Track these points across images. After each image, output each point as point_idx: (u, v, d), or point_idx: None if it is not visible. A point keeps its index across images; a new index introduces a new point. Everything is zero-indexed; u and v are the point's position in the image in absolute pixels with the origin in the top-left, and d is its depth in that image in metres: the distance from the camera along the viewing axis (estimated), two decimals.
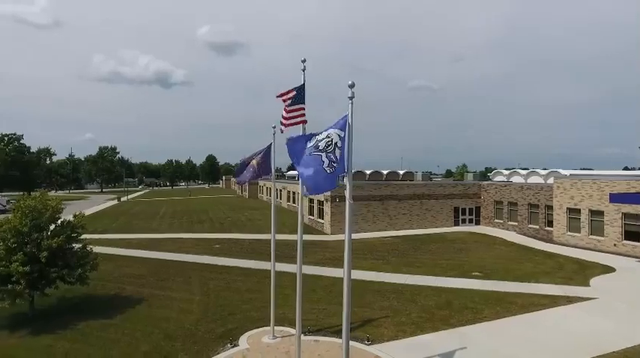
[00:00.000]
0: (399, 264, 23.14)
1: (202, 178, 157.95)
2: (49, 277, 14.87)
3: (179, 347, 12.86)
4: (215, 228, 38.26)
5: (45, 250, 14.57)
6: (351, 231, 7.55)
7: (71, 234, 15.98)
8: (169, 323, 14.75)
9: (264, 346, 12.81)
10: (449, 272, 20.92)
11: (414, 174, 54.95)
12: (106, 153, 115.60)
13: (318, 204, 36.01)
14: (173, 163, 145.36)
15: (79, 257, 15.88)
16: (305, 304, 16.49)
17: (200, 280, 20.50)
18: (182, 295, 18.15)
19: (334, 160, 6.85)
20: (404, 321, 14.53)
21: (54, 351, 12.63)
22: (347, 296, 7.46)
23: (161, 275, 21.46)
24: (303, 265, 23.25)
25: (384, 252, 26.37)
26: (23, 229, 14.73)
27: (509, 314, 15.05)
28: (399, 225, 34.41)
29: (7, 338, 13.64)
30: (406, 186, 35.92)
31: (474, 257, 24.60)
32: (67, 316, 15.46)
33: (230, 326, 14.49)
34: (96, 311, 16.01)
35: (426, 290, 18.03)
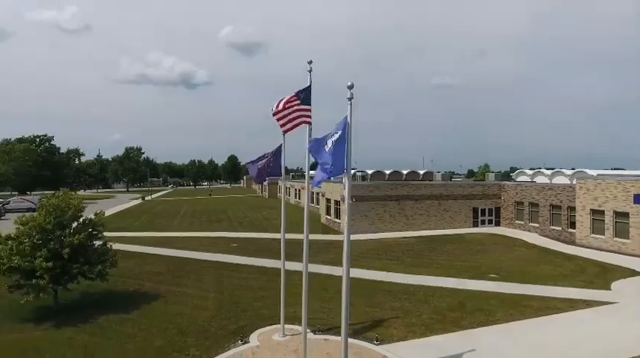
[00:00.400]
0: (413, 264, 22.99)
1: (224, 178, 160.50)
2: (70, 273, 15.52)
3: (191, 342, 13.20)
4: (233, 226, 38.88)
5: (67, 247, 15.20)
6: (350, 230, 7.65)
7: (92, 232, 16.61)
8: (183, 319, 15.15)
9: (274, 343, 13.01)
10: (464, 274, 20.65)
11: (434, 175, 54.39)
12: (131, 153, 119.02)
13: (334, 204, 36.11)
14: (196, 163, 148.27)
15: (99, 254, 16.49)
16: (315, 303, 16.73)
17: (215, 278, 20.93)
18: (197, 292, 18.58)
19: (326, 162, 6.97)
20: (414, 322, 14.46)
21: (74, 344, 13.18)
22: (345, 294, 7.56)
23: (178, 272, 22.02)
24: (317, 264, 23.55)
25: (399, 252, 26.23)
26: (47, 226, 15.40)
27: (523, 317, 14.77)
28: (416, 225, 34.12)
29: (32, 330, 14.32)
30: (423, 186, 35.60)
31: (492, 258, 24.18)
32: (89, 310, 16.08)
33: (242, 323, 14.77)
34: (115, 306, 16.58)
35: (439, 292, 17.87)
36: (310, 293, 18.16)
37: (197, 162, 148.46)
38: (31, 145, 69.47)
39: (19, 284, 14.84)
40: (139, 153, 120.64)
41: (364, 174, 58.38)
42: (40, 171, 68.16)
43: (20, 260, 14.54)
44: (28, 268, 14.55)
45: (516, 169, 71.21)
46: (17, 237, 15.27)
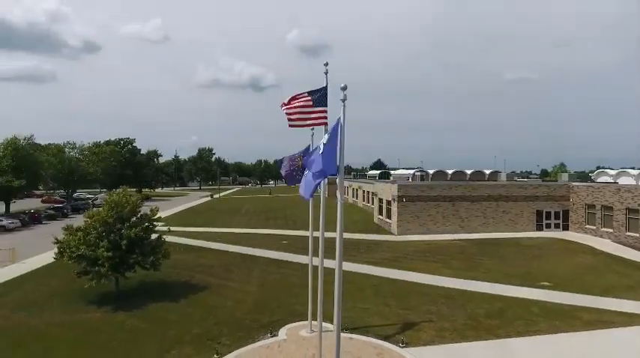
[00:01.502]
0: (460, 268, 22.11)
1: None
2: (128, 262, 17.29)
3: (225, 332, 14.07)
4: (287, 225, 40.08)
5: (125, 238, 16.97)
6: (342, 228, 7.77)
7: (147, 226, 18.32)
8: (223, 311, 16.15)
9: (300, 338, 13.41)
10: (513, 280, 19.45)
11: (498, 175, 51.43)
12: (204, 154, 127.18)
13: (386, 204, 35.70)
14: (262, 163, 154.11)
15: (153, 246, 18.14)
16: (349, 302, 16.85)
17: (260, 273, 21.91)
18: (241, 286, 19.62)
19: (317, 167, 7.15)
20: (446, 327, 14.03)
21: (124, 327, 14.71)
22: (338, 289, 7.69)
23: (228, 266, 23.37)
24: (358, 264, 23.51)
25: (448, 255, 25.32)
26: (109, 220, 17.32)
27: (569, 329, 13.64)
28: (472, 227, 32.54)
29: (94, 312, 16.21)
30: (480, 187, 33.82)
31: (548, 265, 22.43)
32: (143, 297, 17.77)
33: (275, 317, 15.36)
34: (165, 295, 18.11)
35: (480, 297, 17.08)
36: (346, 292, 18.33)
37: (263, 161, 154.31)
38: (116, 147, 77.51)
39: (85, 271, 16.85)
40: (211, 153, 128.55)
41: (423, 174, 56.82)
42: (124, 171, 75.83)
43: (86, 249, 16.52)
44: (92, 257, 16.49)
45: (603, 168, 64.58)
46: (85, 229, 17.36)
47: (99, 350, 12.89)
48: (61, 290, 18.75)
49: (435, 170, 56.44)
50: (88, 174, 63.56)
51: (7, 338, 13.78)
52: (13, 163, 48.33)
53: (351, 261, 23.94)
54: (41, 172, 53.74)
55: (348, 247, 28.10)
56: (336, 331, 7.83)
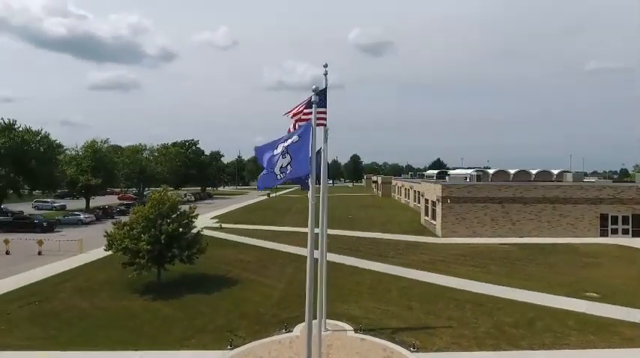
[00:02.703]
0: (500, 274, 20.92)
1: (346, 177, 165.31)
2: (166, 255, 18.72)
3: (244, 325, 14.73)
4: (333, 224, 40.31)
5: (164, 233, 18.38)
6: (312, 230, 7.89)
7: (184, 222, 19.65)
8: (249, 305, 16.88)
9: (312, 336, 13.63)
10: (555, 289, 18.03)
11: (565, 175, 47.53)
12: None
13: (431, 205, 34.62)
14: None
15: (189, 241, 19.42)
16: (372, 303, 16.85)
17: (292, 270, 22.45)
18: (271, 282, 20.30)
19: (283, 165, 7.34)
20: (465, 334, 13.47)
21: (158, 314, 15.97)
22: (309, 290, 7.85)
23: (264, 262, 24.24)
24: (391, 265, 23.17)
25: (490, 259, 24.02)
26: (150, 216, 18.85)
27: (603, 345, 12.44)
28: (524, 231, 30.46)
29: (135, 300, 17.75)
30: (533, 188, 31.48)
31: (601, 274, 20.42)
32: (181, 289, 19.08)
33: (295, 314, 15.69)
34: (201, 287, 19.30)
35: (512, 306, 16.10)
36: (373, 292, 18.42)
37: None
38: (181, 148, 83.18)
39: (130, 262, 18.53)
40: None
41: (480, 174, 54.06)
42: (189, 171, 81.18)
43: (129, 242, 18.14)
44: (134, 249, 18.08)
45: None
46: (130, 224, 19.06)
47: (131, 332, 14.16)
48: (113, 279, 20.70)
49: (495, 169, 53.49)
50: (157, 174, 68.85)
51: (59, 318, 15.61)
52: (92, 164, 53.93)
53: (386, 263, 23.70)
54: (115, 172, 59.26)
55: (386, 248, 27.83)
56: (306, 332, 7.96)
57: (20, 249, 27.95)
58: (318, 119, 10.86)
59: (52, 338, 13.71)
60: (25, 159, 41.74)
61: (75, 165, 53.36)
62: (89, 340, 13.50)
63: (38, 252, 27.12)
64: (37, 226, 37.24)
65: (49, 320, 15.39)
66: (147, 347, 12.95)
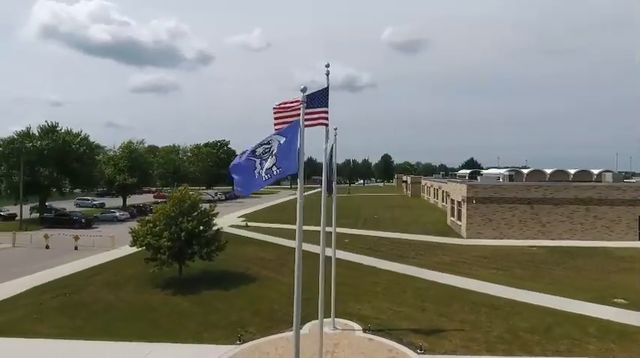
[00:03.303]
0: (523, 277, 20.20)
1: (378, 176, 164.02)
2: (186, 252, 19.39)
3: (256, 321, 15.05)
4: (356, 224, 40.26)
5: (183, 231, 19.05)
6: (301, 231, 7.98)
7: (205, 220, 20.25)
8: (263, 302, 17.20)
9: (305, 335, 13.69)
10: (581, 295, 17.22)
11: (604, 175, 45.14)
12: None
13: (457, 206, 33.81)
14: (350, 162, 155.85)
15: (208, 239, 20.01)
16: (386, 303, 16.77)
17: (311, 269, 22.43)
18: (288, 279, 20.49)
19: (268, 166, 7.43)
20: (476, 338, 13.15)
21: (176, 309, 16.56)
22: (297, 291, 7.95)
23: (283, 261, 24.53)
24: (410, 266, 22.84)
25: (515, 262, 23.21)
26: (172, 214, 19.58)
27: (624, 355, 11.79)
28: (555, 233, 29.16)
29: (157, 294, 18.49)
30: (564, 188, 30.05)
31: (635, 280, 19.26)
32: (200, 285, 19.68)
33: (307, 311, 15.61)
34: (220, 283, 19.82)
35: (531, 310, 15.54)
36: (387, 293, 18.29)
37: (351, 161, 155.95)
38: (213, 149, 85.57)
39: (152, 258, 19.32)
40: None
41: (512, 174, 52.19)
42: (220, 170, 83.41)
43: (151, 238, 18.93)
44: (156, 245, 18.85)
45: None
46: (153, 221, 19.88)
47: (148, 324, 14.80)
48: (139, 273, 21.61)
49: (530, 169, 51.56)
50: (189, 173, 71.17)
51: (87, 309, 16.52)
52: (128, 164, 56.52)
53: (405, 263, 23.44)
54: (150, 171, 61.77)
55: (407, 249, 27.47)
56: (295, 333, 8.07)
57: (59, 243, 29.69)
58: (319, 119, 10.96)
59: (78, 328, 14.55)
60: (66, 160, 44.28)
61: (112, 165, 56.10)
62: (110, 331, 14.21)
63: (74, 247, 28.73)
64: (75, 222, 39.45)
65: (77, 311, 16.33)
66: (161, 339, 13.49)
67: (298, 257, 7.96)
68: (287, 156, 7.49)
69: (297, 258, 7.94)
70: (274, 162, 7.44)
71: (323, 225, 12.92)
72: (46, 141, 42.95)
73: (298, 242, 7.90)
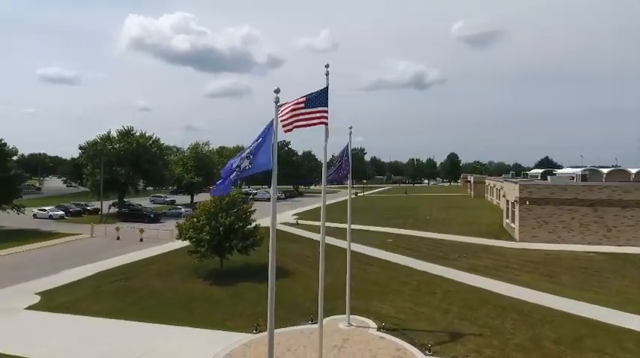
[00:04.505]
0: (569, 285, 18.68)
1: (444, 176, 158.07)
2: (224, 246, 20.75)
3: (278, 313, 15.10)
4: (406, 224, 39.56)
5: (222, 226, 20.42)
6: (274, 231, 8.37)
7: (242, 216, 21.47)
8: (290, 295, 17.88)
9: (334, 330, 14.07)
10: (630, 307, 15.59)
11: None
12: (354, 153, 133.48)
13: (511, 207, 31.82)
14: (414, 162, 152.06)
15: (245, 234, 21.19)
16: (407, 303, 16.72)
17: (344, 266, 22.86)
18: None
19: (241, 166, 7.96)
20: (493, 345, 12.62)
21: (211, 298, 17.85)
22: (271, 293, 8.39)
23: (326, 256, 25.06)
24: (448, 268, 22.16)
25: (565, 269, 21.44)
26: (212, 210, 21.06)
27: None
28: (623, 239, 26.26)
29: (198, 284, 20.00)
30: (634, 189, 26.87)
31: None
32: (239, 277, 20.92)
33: (328, 307, 16.17)
34: (255, 276, 20.81)
35: (565, 319, 14.45)
36: (415, 293, 18.12)
37: (415, 160, 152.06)
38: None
39: (194, 250, 20.95)
40: (362, 153, 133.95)
41: (585, 173, 47.65)
42: (282, 170, 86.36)
43: (193, 232, 20.56)
44: (196, 239, 20.44)
45: None
46: (196, 216, 21.53)
47: (183, 310, 16.16)
48: (187, 265, 23.42)
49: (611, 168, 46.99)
50: None
51: (135, 294, 18.42)
52: (195, 163, 60.85)
53: (444, 265, 22.81)
54: (215, 170, 65.81)
55: (451, 250, 26.57)
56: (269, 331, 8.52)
57: (128, 235, 33.11)
58: (319, 118, 11.26)
59: (123, 310, 16.34)
60: (140, 160, 48.94)
61: (182, 164, 60.77)
62: (149, 314, 15.78)
63: (140, 239, 31.87)
64: (145, 217, 43.52)
65: (127, 295, 18.31)
66: (188, 324, 14.70)
67: (271, 253, 8.42)
68: (261, 153, 8.01)
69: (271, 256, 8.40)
70: (250, 161, 7.99)
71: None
72: (123, 143, 47.86)
73: (272, 237, 8.36)
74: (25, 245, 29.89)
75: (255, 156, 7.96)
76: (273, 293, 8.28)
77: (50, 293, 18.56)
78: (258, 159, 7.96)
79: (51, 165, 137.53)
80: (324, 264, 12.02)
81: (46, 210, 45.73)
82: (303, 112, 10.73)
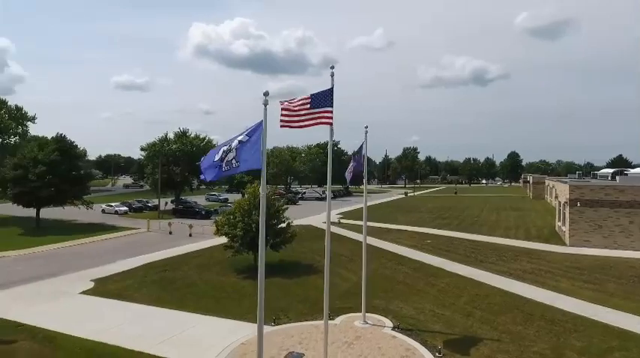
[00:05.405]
0: (614, 293, 17.32)
1: (504, 176, 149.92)
2: (257, 242, 21.66)
3: (299, 308, 16.29)
4: (450, 225, 38.39)
5: (254, 223, 21.37)
6: (264, 223, 8.82)
7: (274, 213, 22.29)
8: (315, 292, 18.30)
9: (348, 327, 14.31)
10: None
11: None
12: (408, 152, 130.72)
13: (562, 208, 29.74)
14: (471, 161, 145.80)
15: (276, 231, 22.00)
16: (429, 305, 16.59)
17: (376, 266, 22.89)
18: (349, 275, 21.29)
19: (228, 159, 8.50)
20: (509, 351, 12.17)
21: (240, 291, 18.75)
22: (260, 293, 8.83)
23: (353, 256, 25.21)
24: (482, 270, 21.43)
25: (613, 276, 19.80)
26: (245, 207, 22.10)
27: None
28: None
29: (231, 277, 21.10)
30: None
31: None
32: (270, 272, 21.39)
33: (348, 305, 16.48)
34: (287, 272, 21.59)
35: (597, 329, 13.51)
36: (440, 295, 17.86)
37: (472, 159, 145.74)
38: (322, 149, 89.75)
39: (229, 246, 22.12)
40: (415, 152, 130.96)
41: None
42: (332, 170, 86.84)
43: (228, 228, 21.72)
44: (231, 235, 21.57)
45: None
46: (232, 213, 22.69)
47: (213, 301, 17.22)
48: (225, 259, 24.79)
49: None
50: (300, 172, 76.25)
51: (174, 284, 19.83)
52: None
53: (478, 268, 22.09)
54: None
55: (490, 253, 25.55)
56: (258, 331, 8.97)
57: (179, 230, 35.48)
58: (324, 118, 11.56)
59: (160, 298, 17.74)
60: (194, 160, 52.06)
61: None
62: (182, 303, 17.00)
63: (189, 234, 34.03)
64: (197, 214, 46.24)
65: (167, 285, 19.80)
66: (216, 313, 15.65)
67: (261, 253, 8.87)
68: (250, 153, 8.52)
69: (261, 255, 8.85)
70: (234, 156, 8.52)
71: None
72: (178, 144, 51.22)
73: (261, 236, 8.82)
74: (90, 237, 33.20)
75: (244, 155, 8.48)
76: (262, 293, 8.74)
77: (103, 280, 20.57)
78: (247, 159, 8.47)
79: (122, 165, 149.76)
80: (329, 259, 12.23)
81: (112, 206, 50.18)
82: (309, 112, 11.12)
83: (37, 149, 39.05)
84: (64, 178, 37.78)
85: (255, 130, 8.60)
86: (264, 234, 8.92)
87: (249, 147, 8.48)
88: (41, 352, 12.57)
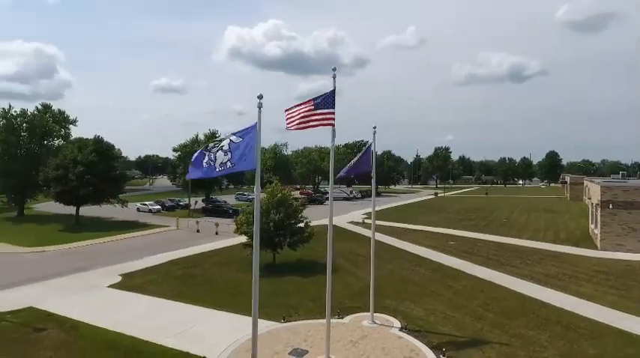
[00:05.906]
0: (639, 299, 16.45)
1: (542, 176, 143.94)
2: (274, 241, 22.16)
3: (310, 306, 16.54)
4: (476, 226, 37.46)
5: (271, 222, 21.86)
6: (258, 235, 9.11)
7: (292, 213, 22.68)
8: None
9: (356, 326, 14.42)
10: None
11: None
12: (440, 152, 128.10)
13: (594, 211, 28.36)
14: (506, 161, 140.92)
15: (293, 231, 22.38)
16: (440, 306, 16.57)
17: (394, 266, 22.85)
18: (364, 275, 21.26)
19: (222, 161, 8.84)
20: (517, 355, 11.93)
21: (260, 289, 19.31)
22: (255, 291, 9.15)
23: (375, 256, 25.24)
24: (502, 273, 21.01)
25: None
26: (264, 207, 22.61)
27: None
28: None
29: (248, 274, 21.30)
30: None
31: None
32: (287, 270, 22.12)
33: (358, 304, 16.58)
34: (304, 271, 21.84)
35: (613, 336, 12.99)
36: (453, 298, 17.67)
37: (507, 159, 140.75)
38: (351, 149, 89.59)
39: (248, 244, 22.69)
40: (447, 152, 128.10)
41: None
42: None
43: (247, 227, 22.31)
44: (249, 233, 22.14)
45: None
46: (251, 212, 23.27)
47: (228, 297, 17.81)
48: (245, 257, 25.41)
49: None
50: (327, 172, 76.53)
51: (193, 280, 20.65)
52: (273, 163, 64.57)
53: (499, 270, 21.61)
54: (292, 170, 69.09)
55: (514, 256, 24.86)
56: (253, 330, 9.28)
57: (207, 229, 36.67)
58: (326, 119, 11.79)
59: (182, 293, 18.50)
60: None
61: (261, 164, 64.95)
62: (199, 298, 17.69)
63: (215, 232, 35.10)
64: (225, 212, 47.52)
65: (187, 280, 20.62)
66: (230, 309, 16.20)
67: (255, 251, 9.19)
68: (244, 154, 8.85)
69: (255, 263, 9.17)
70: (228, 158, 8.88)
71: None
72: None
73: (256, 236, 9.13)
74: (123, 234, 34.93)
75: (238, 156, 8.82)
76: (256, 291, 9.06)
77: (129, 275, 21.68)
78: (241, 160, 8.82)
79: (159, 165, 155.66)
80: (331, 256, 12.42)
81: (147, 205, 52.45)
82: (313, 114, 11.40)
83: (76, 150, 41.49)
84: (101, 178, 39.96)
85: (249, 132, 8.93)
86: (258, 232, 9.23)
87: (243, 148, 8.82)
88: (65, 340, 13.51)
